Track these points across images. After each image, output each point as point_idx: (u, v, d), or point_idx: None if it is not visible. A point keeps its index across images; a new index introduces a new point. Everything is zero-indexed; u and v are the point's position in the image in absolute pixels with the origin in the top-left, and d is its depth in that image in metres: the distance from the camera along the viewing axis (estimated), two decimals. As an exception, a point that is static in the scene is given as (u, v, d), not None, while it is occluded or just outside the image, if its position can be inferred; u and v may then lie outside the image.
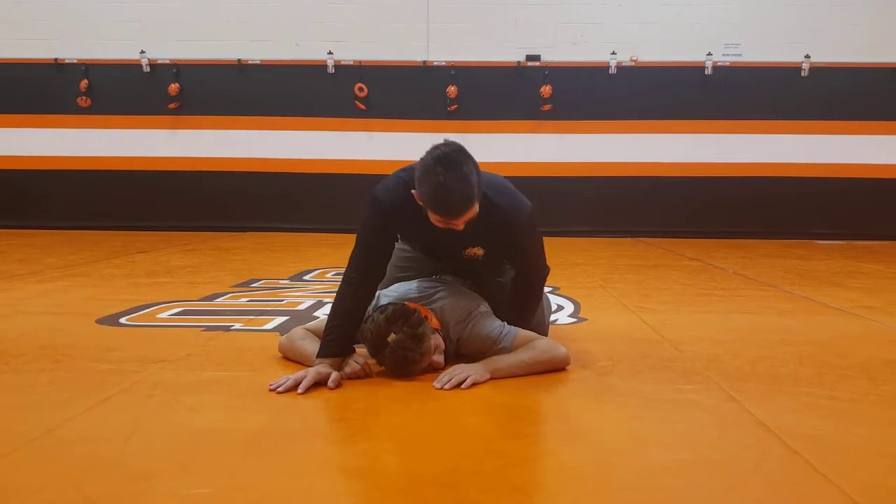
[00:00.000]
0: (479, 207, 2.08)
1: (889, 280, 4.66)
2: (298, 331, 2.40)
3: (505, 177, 2.34)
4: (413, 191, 2.11)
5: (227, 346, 2.57)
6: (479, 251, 2.34)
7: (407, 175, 2.21)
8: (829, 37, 7.73)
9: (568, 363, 2.28)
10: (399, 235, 2.41)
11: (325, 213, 7.93)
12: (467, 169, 2.00)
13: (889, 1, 7.77)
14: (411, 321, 2.08)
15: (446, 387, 2.04)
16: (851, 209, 7.86)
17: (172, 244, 6.38)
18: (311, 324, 2.45)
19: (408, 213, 2.17)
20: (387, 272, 2.36)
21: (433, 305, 2.30)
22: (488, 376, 2.13)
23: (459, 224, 2.07)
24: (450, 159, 1.99)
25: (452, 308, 2.31)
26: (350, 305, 2.20)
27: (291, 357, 2.35)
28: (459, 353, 2.32)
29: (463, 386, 2.05)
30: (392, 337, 2.07)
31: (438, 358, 2.20)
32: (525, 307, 2.47)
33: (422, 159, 2.05)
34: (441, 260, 2.53)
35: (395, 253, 2.42)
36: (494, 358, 2.21)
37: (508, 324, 2.32)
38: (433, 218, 2.08)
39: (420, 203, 2.09)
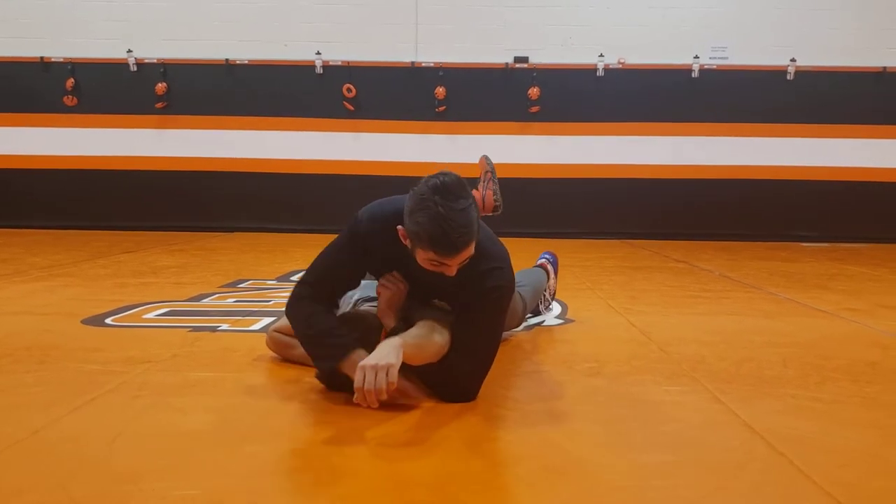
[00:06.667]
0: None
1: (873, 282, 4.71)
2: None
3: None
4: (399, 227, 1.87)
5: (214, 347, 2.56)
6: (446, 305, 2.12)
7: (393, 207, 1.94)
8: (815, 40, 7.80)
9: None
10: (370, 271, 2.16)
11: (312, 213, 7.91)
12: (465, 203, 1.78)
13: (873, 5, 7.85)
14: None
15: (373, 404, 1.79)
16: (836, 212, 7.93)
17: (159, 244, 6.34)
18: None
19: (389, 248, 1.96)
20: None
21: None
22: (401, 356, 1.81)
23: (454, 265, 1.82)
24: (449, 190, 1.76)
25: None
26: (320, 311, 2.00)
27: (287, 334, 2.27)
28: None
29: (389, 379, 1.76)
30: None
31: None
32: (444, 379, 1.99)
33: (415, 189, 1.82)
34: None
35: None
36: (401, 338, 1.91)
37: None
38: (423, 257, 1.82)
39: (405, 242, 1.86)
